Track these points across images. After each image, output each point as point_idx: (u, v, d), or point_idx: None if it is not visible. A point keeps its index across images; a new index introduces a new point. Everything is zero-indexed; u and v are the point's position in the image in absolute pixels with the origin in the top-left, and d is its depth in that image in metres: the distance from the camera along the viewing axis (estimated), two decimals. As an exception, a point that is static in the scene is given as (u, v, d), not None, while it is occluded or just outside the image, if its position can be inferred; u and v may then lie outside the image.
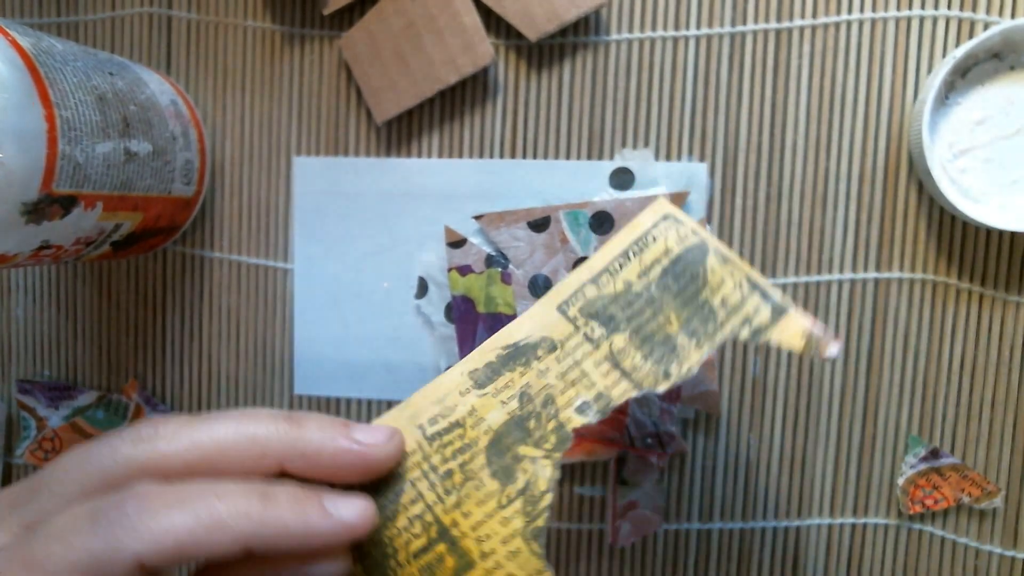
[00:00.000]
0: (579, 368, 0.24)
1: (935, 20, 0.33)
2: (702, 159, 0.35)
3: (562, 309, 0.25)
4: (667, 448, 0.35)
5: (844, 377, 0.35)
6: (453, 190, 0.36)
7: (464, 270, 0.36)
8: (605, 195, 0.35)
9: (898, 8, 0.34)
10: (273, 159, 0.37)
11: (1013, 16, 0.33)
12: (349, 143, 0.37)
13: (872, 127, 0.34)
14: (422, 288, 0.37)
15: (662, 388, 0.23)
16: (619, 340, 0.24)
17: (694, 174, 0.35)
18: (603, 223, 0.35)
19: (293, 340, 0.38)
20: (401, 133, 0.36)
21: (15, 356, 0.40)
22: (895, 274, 0.34)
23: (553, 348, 0.24)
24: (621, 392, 0.23)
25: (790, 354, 0.35)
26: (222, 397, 0.39)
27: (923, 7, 0.33)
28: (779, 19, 0.34)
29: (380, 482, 0.23)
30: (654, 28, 0.35)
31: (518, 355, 0.25)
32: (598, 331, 0.24)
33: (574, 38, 0.35)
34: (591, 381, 0.24)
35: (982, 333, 0.34)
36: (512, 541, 0.22)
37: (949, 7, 0.33)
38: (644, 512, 0.35)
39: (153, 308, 0.39)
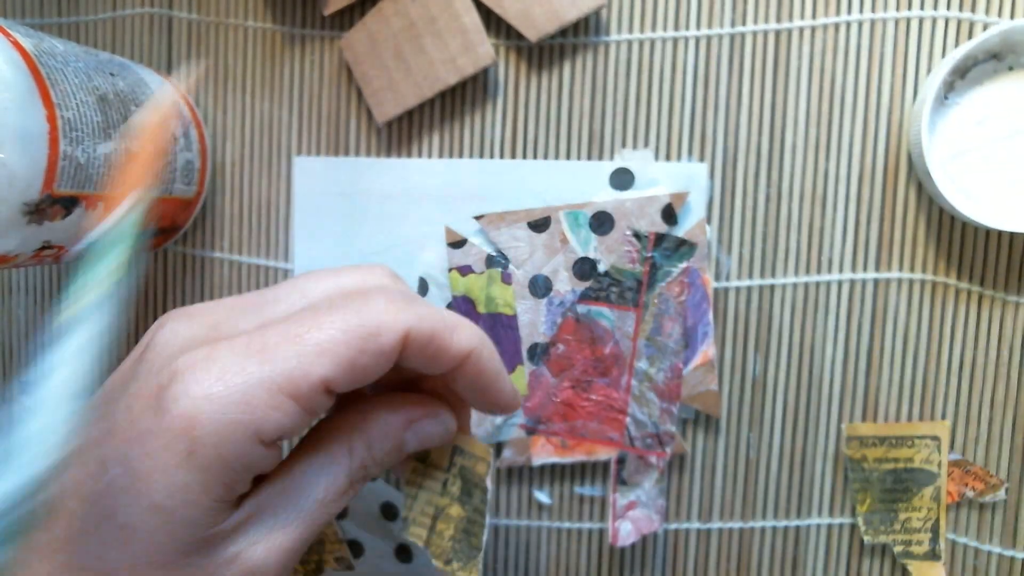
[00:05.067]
0: None
1: (934, 21, 0.33)
2: (702, 159, 0.35)
3: None
4: (667, 448, 0.35)
5: (844, 377, 0.35)
6: (453, 190, 0.36)
7: (464, 270, 0.36)
8: (605, 195, 0.35)
9: (897, 9, 0.34)
10: (274, 159, 0.37)
11: (1012, 17, 0.33)
12: (350, 143, 0.37)
13: (871, 127, 0.34)
14: (422, 288, 0.37)
15: None
16: None
17: (694, 174, 0.35)
18: (603, 223, 0.35)
19: (294, 340, 0.38)
20: (402, 133, 0.37)
21: (16, 356, 0.40)
22: (894, 274, 0.34)
23: None
24: None
25: (790, 354, 0.35)
26: (223, 397, 0.39)
27: (922, 8, 0.33)
28: (779, 20, 0.34)
29: None
30: (654, 29, 0.35)
31: None
32: None
33: (574, 39, 0.35)
34: None
35: (981, 333, 0.34)
36: None
37: (948, 8, 0.33)
38: (644, 512, 0.35)
39: (154, 308, 0.39)
